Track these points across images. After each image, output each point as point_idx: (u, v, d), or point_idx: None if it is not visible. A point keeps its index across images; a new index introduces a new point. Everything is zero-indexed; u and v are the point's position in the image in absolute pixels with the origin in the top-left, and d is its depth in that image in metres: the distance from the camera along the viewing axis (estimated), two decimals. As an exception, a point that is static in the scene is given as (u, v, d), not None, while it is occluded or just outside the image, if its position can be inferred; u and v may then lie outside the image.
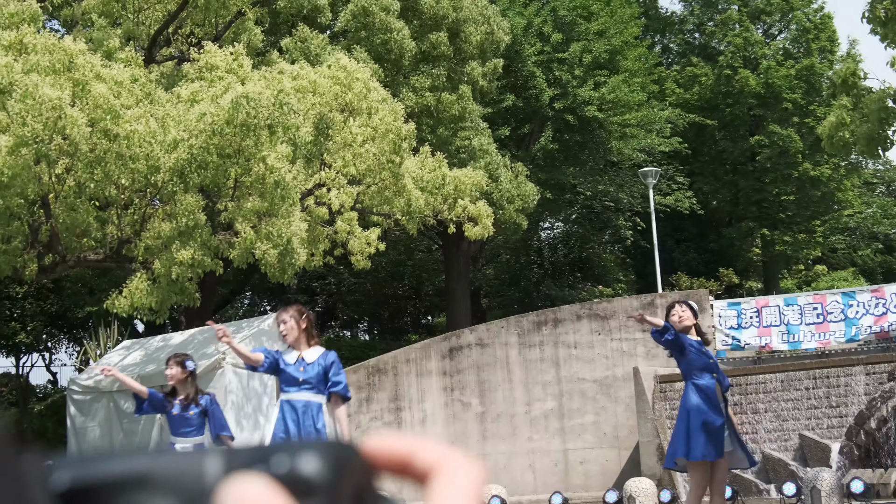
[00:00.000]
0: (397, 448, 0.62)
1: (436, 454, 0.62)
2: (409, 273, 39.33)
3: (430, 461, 0.62)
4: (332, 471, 0.59)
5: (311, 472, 0.58)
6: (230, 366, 16.99)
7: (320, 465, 0.59)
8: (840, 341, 20.89)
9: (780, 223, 40.97)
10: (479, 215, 20.79)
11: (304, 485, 0.58)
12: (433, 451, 0.62)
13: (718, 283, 36.98)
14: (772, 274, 43.13)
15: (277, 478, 0.58)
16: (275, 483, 0.58)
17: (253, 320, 19.29)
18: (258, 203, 16.15)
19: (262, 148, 15.87)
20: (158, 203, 17.68)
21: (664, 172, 35.82)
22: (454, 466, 0.62)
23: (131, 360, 19.10)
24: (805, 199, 40.62)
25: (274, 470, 0.58)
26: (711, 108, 40.60)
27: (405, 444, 0.62)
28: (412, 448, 0.62)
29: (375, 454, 0.62)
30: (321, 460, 0.59)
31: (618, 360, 21.51)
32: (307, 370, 9.18)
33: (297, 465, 0.58)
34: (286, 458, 0.59)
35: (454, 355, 22.26)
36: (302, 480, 0.58)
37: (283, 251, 16.39)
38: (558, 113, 31.83)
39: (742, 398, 19.66)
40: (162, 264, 15.96)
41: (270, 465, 0.58)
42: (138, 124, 15.35)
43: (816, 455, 18.39)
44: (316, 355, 9.26)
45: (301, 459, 0.59)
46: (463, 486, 0.61)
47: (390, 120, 18.33)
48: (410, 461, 0.62)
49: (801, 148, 39.23)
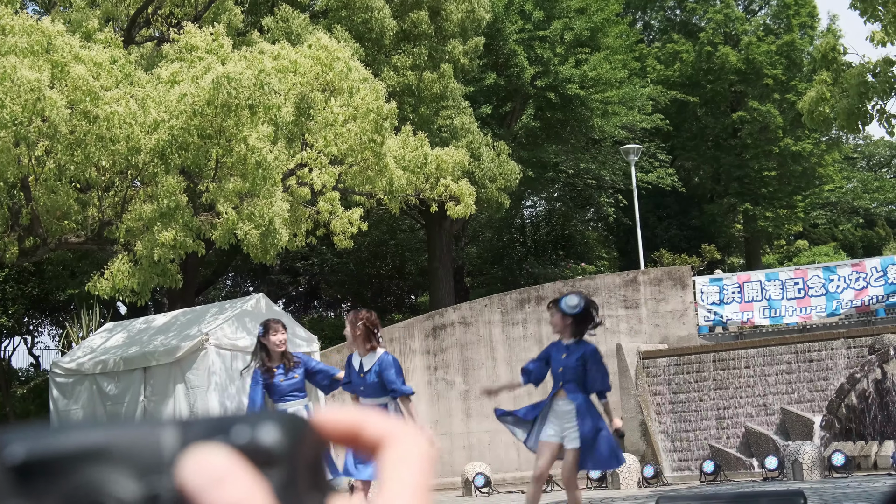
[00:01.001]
0: (346, 421, 0.64)
1: (384, 427, 0.63)
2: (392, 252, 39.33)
3: (379, 434, 0.63)
4: (290, 441, 0.59)
5: (270, 443, 0.59)
6: (213, 347, 17.00)
7: (279, 435, 0.59)
8: (821, 315, 21.02)
9: (761, 199, 41.11)
10: (461, 194, 20.81)
11: (265, 455, 0.59)
12: (381, 423, 0.63)
13: (700, 259, 37.10)
14: (753, 249, 43.30)
15: (238, 448, 0.59)
16: (236, 453, 0.58)
17: (236, 301, 19.28)
18: (240, 184, 16.13)
19: (244, 128, 15.84)
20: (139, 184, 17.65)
21: (646, 149, 35.87)
22: (402, 439, 0.63)
23: (114, 343, 19.08)
24: (786, 175, 40.75)
25: (234, 440, 0.59)
26: (693, 85, 40.64)
27: (354, 417, 0.64)
28: (361, 421, 0.63)
29: (326, 427, 0.63)
30: (279, 431, 0.59)
31: (601, 336, 21.58)
32: (366, 377, 9.43)
33: (256, 436, 0.59)
34: (246, 429, 0.59)
35: (437, 334, 22.32)
36: (262, 450, 0.59)
37: (266, 232, 16.38)
38: (540, 91, 31.82)
39: (724, 373, 19.78)
40: (143, 246, 15.93)
41: (230, 435, 0.59)
42: (118, 106, 15.29)
43: (798, 429, 18.53)
44: (372, 362, 9.44)
45: (260, 430, 0.59)
46: (411, 458, 0.62)
47: (372, 99, 18.31)
48: (359, 433, 0.63)
49: (781, 123, 39.34)
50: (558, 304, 9.83)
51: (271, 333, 9.95)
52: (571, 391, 9.71)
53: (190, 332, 17.79)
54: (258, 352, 9.99)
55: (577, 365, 9.69)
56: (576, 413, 9.67)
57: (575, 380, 9.71)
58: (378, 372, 9.41)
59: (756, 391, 19.46)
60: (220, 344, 17.17)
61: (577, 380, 9.70)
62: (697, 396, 19.82)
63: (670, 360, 20.26)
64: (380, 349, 9.53)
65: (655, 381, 20.19)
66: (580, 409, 9.67)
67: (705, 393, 19.77)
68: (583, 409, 9.67)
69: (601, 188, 37.42)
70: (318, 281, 41.86)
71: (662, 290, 21.69)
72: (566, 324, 9.77)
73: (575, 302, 9.79)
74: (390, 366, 9.42)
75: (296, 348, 17.92)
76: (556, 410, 9.79)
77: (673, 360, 20.23)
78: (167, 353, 17.33)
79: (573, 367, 9.70)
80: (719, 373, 19.83)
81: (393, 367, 9.42)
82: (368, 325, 9.49)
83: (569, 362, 9.73)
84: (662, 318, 21.58)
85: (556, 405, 9.81)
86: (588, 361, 9.70)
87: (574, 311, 9.74)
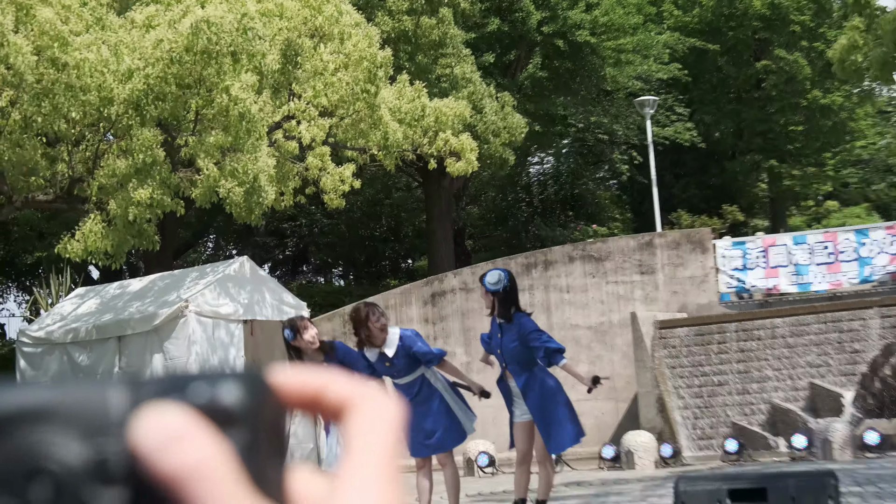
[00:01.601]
0: (309, 383, 0.62)
1: (348, 390, 0.62)
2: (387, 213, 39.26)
3: (343, 397, 0.62)
4: (252, 401, 0.58)
5: (230, 402, 0.58)
6: (193, 314, 16.94)
7: (239, 394, 0.58)
8: (853, 282, 20.95)
9: (787, 156, 41.00)
10: (462, 149, 20.70)
11: (225, 414, 0.57)
12: (346, 386, 0.63)
13: (722, 220, 37.05)
14: (779, 211, 43.24)
15: (195, 406, 0.57)
16: (194, 412, 0.57)
17: (218, 265, 19.21)
18: (221, 137, 16.02)
19: (225, 77, 15.72)
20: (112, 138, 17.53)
21: (662, 102, 35.73)
22: (368, 402, 0.62)
23: (86, 310, 19.03)
24: (814, 130, 40.62)
25: (191, 399, 0.57)
26: (713, 32, 40.42)
27: (317, 379, 0.63)
28: (324, 383, 0.62)
29: (286, 389, 0.62)
30: (240, 390, 0.58)
31: (613, 304, 21.53)
32: (393, 364, 9.56)
33: (215, 394, 0.58)
34: (204, 387, 0.58)
35: (437, 301, 22.26)
36: (222, 410, 0.57)
37: (250, 189, 16.29)
38: (547, 38, 31.62)
39: (748, 344, 19.73)
40: (118, 205, 15.84)
41: (187, 393, 0.57)
42: (89, 52, 15.15)
43: (828, 405, 18.49)
44: (394, 346, 9.55)
45: (220, 388, 0.58)
46: (378, 423, 0.61)
47: (365, 46, 18.17)
48: (322, 397, 0.62)
49: (809, 74, 39.15)
50: (481, 279, 9.99)
51: (302, 332, 9.54)
52: (515, 372, 9.92)
53: (168, 298, 17.73)
54: (291, 358, 9.75)
55: (514, 346, 9.82)
56: (522, 393, 9.84)
57: (515, 360, 9.87)
58: (405, 350, 9.54)
59: (782, 364, 19.41)
60: (200, 311, 17.11)
61: (518, 359, 9.85)
62: (719, 369, 19.77)
63: (689, 330, 20.20)
64: (391, 329, 9.61)
65: (673, 352, 20.14)
66: (526, 388, 9.82)
67: (727, 366, 19.73)
68: (529, 387, 9.80)
69: (614, 144, 37.30)
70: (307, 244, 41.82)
71: (681, 255, 21.61)
72: (489, 301, 9.91)
73: (496, 279, 9.90)
74: (413, 338, 9.60)
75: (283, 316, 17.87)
76: (512, 390, 9.94)
77: (692, 331, 20.17)
78: (143, 320, 17.28)
79: (510, 349, 9.85)
80: (742, 344, 19.77)
81: (415, 338, 9.62)
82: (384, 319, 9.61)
83: (506, 343, 9.88)
84: (681, 284, 21.51)
85: (510, 385, 9.95)
86: (525, 336, 9.80)
87: (494, 287, 9.85)
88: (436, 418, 9.67)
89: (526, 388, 9.76)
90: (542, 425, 9.74)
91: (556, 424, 9.72)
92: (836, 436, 16.59)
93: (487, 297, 9.90)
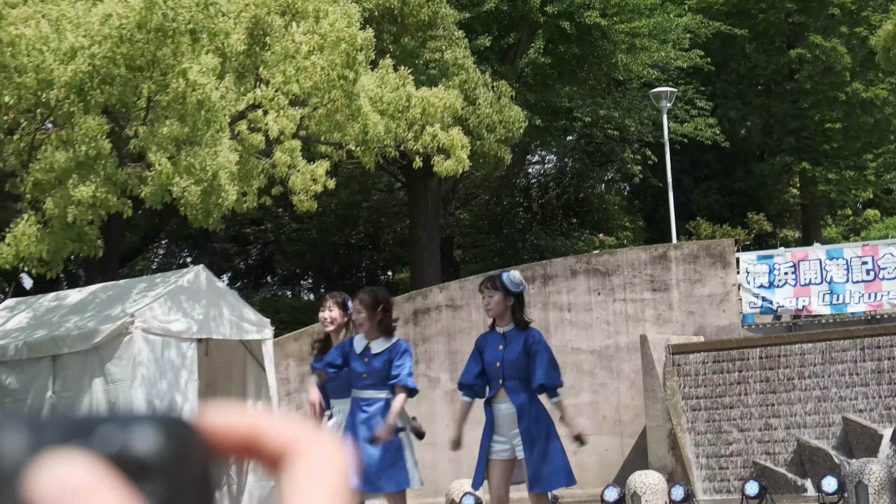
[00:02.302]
0: (242, 425, 0.62)
1: (289, 434, 0.62)
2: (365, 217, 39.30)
3: (283, 442, 0.62)
4: (172, 448, 0.57)
5: (146, 450, 0.56)
6: (140, 331, 16.95)
7: (157, 441, 0.57)
8: (894, 303, 21.06)
9: (823, 157, 41.12)
10: (451, 146, 20.74)
11: (139, 465, 0.56)
12: (286, 429, 0.62)
13: (746, 231, 37.16)
14: (812, 220, 43.35)
15: (104, 456, 0.56)
16: (102, 461, 0.56)
17: (169, 275, 19.22)
18: (177, 128, 16.04)
19: (183, 59, 15.74)
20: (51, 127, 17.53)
21: (681, 94, 35.84)
22: (312, 449, 0.62)
23: (16, 324, 19.01)
24: (854, 128, 40.73)
25: (100, 446, 0.56)
26: (740, 15, 40.57)
27: (252, 422, 0.62)
28: (260, 426, 0.62)
29: (216, 432, 0.61)
30: (158, 436, 0.57)
31: (621, 325, 21.62)
32: (370, 365, 9.82)
33: (129, 441, 0.56)
34: (115, 432, 0.56)
35: (419, 319, 22.32)
36: (135, 459, 0.56)
37: (208, 188, 16.31)
38: (551, 19, 31.73)
39: (774, 373, 19.81)
40: (55, 204, 15.85)
41: (95, 439, 0.56)
42: (26, 27, 15.17)
43: (864, 443, 18.59)
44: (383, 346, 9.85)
45: (134, 434, 0.56)
46: (324, 473, 0.61)
47: (343, 26, 18.21)
48: (258, 441, 0.62)
49: (849, 64, 39.29)
50: (498, 280, 9.97)
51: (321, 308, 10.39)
52: (513, 390, 9.81)
53: (111, 312, 17.73)
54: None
55: (518, 357, 9.81)
56: (517, 416, 9.76)
57: (517, 375, 9.83)
58: (389, 359, 9.75)
59: (812, 396, 19.50)
60: (148, 328, 17.11)
61: (520, 375, 9.82)
62: (739, 401, 19.85)
63: (707, 355, 20.28)
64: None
65: (688, 381, 20.23)
66: (522, 410, 9.76)
67: (749, 397, 19.81)
68: (526, 409, 9.75)
69: (625, 141, 37.39)
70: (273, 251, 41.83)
71: (699, 270, 21.71)
72: (507, 305, 9.91)
73: (518, 279, 9.96)
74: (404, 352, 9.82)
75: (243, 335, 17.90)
76: (500, 416, 9.87)
77: (710, 356, 20.25)
78: (82, 337, 17.26)
79: (514, 360, 9.83)
80: (767, 372, 19.86)
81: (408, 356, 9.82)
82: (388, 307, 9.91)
83: (508, 354, 9.84)
84: (698, 303, 21.61)
85: (498, 410, 9.88)
86: (533, 350, 9.81)
87: (519, 288, 9.91)
88: (382, 454, 9.78)
89: (522, 411, 9.73)
90: (530, 456, 9.63)
91: (549, 459, 9.70)
92: (871, 478, 16.67)
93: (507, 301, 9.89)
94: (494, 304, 9.90)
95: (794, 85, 41.09)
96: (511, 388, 9.77)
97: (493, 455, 9.84)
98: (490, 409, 9.92)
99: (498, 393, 9.86)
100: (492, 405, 9.92)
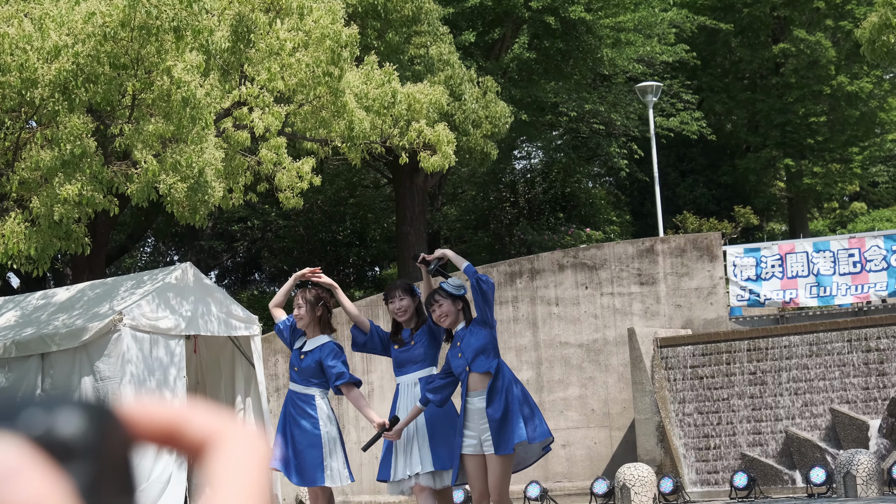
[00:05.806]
0: (165, 415, 0.62)
1: (210, 425, 0.63)
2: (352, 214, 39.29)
3: (204, 433, 0.62)
4: (95, 433, 0.58)
5: (70, 433, 0.57)
6: (128, 329, 16.93)
7: (81, 425, 0.58)
8: (881, 295, 21.10)
9: (808, 151, 41.18)
10: (437, 142, 20.73)
11: (63, 447, 0.57)
12: (207, 420, 0.63)
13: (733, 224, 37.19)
14: (799, 213, 43.43)
15: (31, 438, 0.57)
16: (28, 444, 0.56)
17: (157, 272, 19.20)
18: (162, 126, 16.02)
19: (167, 57, 15.72)
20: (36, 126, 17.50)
21: (667, 88, 35.87)
22: (233, 439, 0.62)
23: (4, 323, 18.99)
24: (840, 121, 40.80)
25: (25, 429, 0.57)
26: (725, 9, 40.60)
27: (173, 412, 0.63)
28: (182, 416, 0.63)
29: (139, 421, 0.62)
30: (82, 420, 0.58)
31: (609, 319, 21.64)
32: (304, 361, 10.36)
33: (54, 424, 0.57)
34: (40, 416, 0.57)
35: (407, 315, 22.30)
36: (60, 442, 0.57)
37: (194, 186, 16.29)
38: (536, 14, 31.73)
39: (761, 365, 19.85)
40: (42, 202, 15.82)
41: (20, 422, 0.57)
42: (9, 26, 15.14)
43: (851, 434, 18.63)
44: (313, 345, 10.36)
45: (59, 417, 0.57)
46: (244, 463, 0.61)
47: (327, 22, 18.19)
48: (179, 432, 0.62)
49: (834, 57, 39.35)
50: (440, 292, 10.04)
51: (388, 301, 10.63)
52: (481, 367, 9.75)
53: (99, 309, 17.71)
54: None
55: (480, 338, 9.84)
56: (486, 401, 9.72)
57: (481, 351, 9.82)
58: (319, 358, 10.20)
59: (800, 387, 19.54)
60: (136, 325, 17.09)
61: (484, 350, 9.83)
62: (728, 394, 19.89)
63: (695, 348, 20.32)
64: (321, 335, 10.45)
65: (676, 374, 20.26)
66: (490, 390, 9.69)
67: (737, 389, 19.85)
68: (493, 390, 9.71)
69: (611, 136, 37.41)
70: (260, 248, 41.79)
71: (686, 263, 21.74)
72: (458, 308, 9.98)
73: (457, 281, 10.13)
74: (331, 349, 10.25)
75: (232, 331, 17.90)
76: (471, 410, 9.82)
77: (698, 349, 20.29)
78: (71, 335, 17.24)
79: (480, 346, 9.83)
80: (755, 364, 19.90)
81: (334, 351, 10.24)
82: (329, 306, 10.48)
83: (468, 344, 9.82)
84: (685, 296, 21.64)
85: (471, 404, 9.83)
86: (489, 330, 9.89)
87: (460, 291, 10.04)
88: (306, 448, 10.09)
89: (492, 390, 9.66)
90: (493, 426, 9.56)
91: (513, 421, 9.60)
92: (859, 469, 16.71)
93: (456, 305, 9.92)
94: (444, 313, 9.90)
95: (780, 79, 41.14)
96: (479, 367, 9.72)
97: (464, 449, 9.80)
98: (463, 404, 9.85)
99: (468, 382, 9.80)
100: (465, 397, 9.86)
